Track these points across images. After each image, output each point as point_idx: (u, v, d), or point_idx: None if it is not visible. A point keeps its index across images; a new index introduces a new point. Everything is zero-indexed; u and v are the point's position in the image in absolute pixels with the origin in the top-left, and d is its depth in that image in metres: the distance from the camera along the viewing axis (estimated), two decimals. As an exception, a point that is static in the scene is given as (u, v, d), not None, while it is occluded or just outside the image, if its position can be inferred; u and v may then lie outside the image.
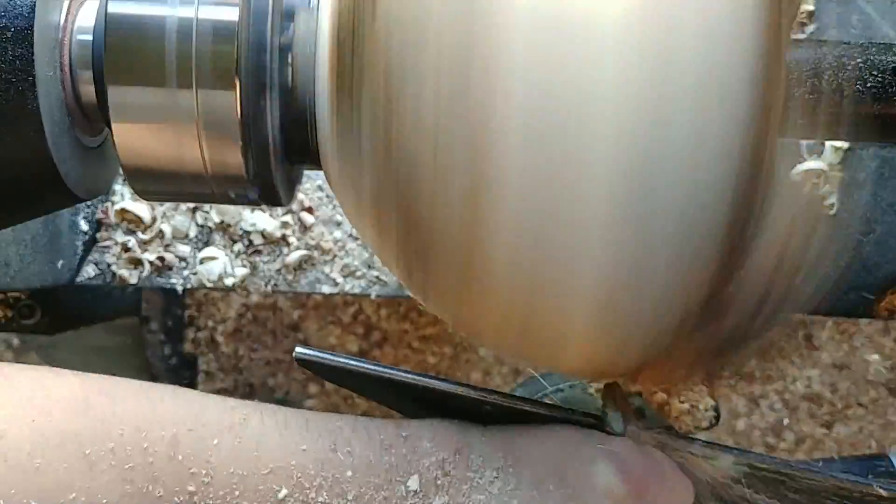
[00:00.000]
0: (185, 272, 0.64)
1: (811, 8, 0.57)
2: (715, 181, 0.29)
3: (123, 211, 0.63)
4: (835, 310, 0.57)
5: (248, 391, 1.42)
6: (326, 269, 0.64)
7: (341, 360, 0.41)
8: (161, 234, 0.63)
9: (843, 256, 0.57)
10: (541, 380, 0.61)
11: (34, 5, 0.32)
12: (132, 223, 0.63)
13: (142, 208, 0.63)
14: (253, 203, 0.37)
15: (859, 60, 0.36)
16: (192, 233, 0.64)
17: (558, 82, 0.28)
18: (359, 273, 0.64)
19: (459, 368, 1.41)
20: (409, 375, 0.43)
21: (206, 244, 0.64)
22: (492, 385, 1.30)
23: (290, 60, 0.34)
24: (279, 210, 0.64)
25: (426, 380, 0.43)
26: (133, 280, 0.63)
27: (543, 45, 0.28)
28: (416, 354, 1.40)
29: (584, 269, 0.30)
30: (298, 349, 0.41)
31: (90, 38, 0.34)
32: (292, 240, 0.64)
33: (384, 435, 0.37)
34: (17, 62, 0.32)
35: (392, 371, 0.42)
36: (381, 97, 0.31)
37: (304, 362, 0.42)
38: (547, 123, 0.28)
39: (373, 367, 0.42)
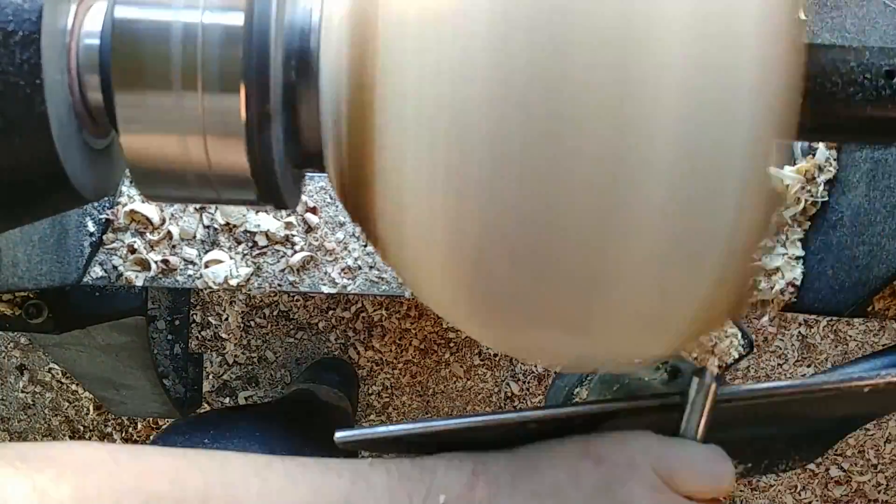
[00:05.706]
0: (191, 272, 0.64)
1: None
2: None
3: (133, 212, 0.63)
4: (828, 310, 0.57)
5: (253, 387, 1.43)
6: (329, 269, 0.65)
7: (381, 430, 0.41)
8: (169, 235, 0.64)
9: (837, 257, 0.58)
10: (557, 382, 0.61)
11: (42, 10, 0.32)
12: (141, 224, 0.64)
13: (151, 210, 0.63)
14: (257, 205, 0.37)
15: (853, 64, 0.37)
16: (199, 234, 0.64)
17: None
18: (361, 273, 0.65)
19: (462, 362, 1.41)
20: (450, 422, 0.43)
21: (213, 245, 0.64)
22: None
23: (294, 62, 0.34)
24: (283, 211, 0.64)
25: (467, 420, 0.43)
26: (140, 281, 0.64)
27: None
28: (417, 353, 1.40)
29: None
30: (338, 434, 0.41)
31: (97, 42, 0.35)
32: (296, 240, 0.64)
33: (401, 468, 0.39)
34: (25, 66, 0.32)
35: (434, 423, 0.42)
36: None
37: (346, 443, 0.42)
38: None
39: (413, 425, 0.43)
